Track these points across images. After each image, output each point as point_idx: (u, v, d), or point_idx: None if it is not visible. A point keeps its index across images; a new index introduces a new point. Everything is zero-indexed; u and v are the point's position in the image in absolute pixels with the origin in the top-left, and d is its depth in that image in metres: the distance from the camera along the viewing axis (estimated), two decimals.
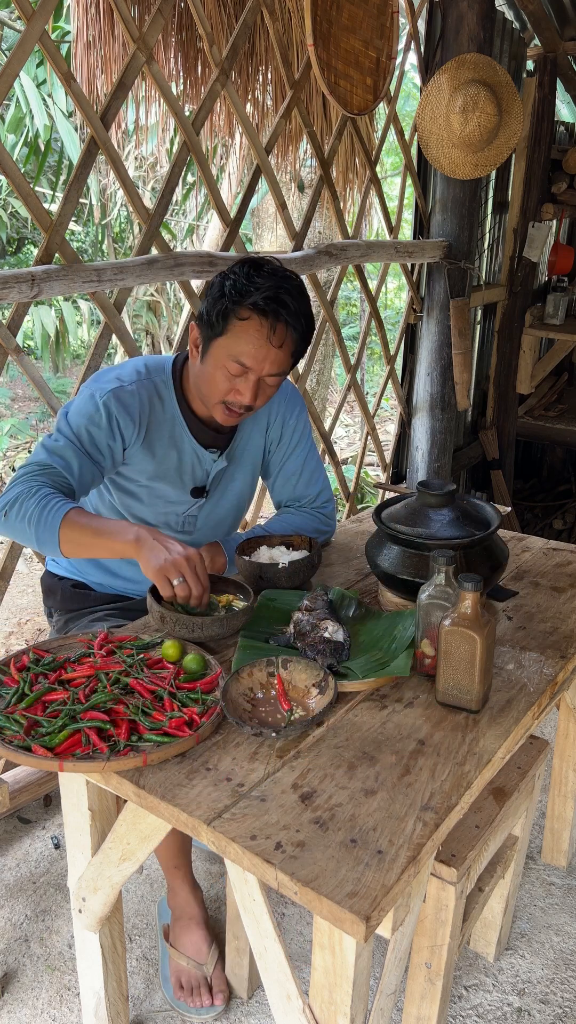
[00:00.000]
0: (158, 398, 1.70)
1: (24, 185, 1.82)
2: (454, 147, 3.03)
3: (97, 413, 1.61)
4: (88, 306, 5.90)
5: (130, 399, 1.64)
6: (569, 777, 2.05)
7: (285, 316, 1.56)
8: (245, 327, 1.55)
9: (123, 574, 1.84)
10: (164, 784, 1.16)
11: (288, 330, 1.58)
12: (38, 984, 1.80)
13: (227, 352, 1.58)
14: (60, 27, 4.10)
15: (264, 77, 3.21)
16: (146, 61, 2.07)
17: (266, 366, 1.59)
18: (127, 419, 1.63)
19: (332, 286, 3.13)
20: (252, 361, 1.57)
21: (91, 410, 1.61)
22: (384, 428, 6.36)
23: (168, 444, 1.71)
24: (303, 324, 1.60)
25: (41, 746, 1.20)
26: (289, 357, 1.62)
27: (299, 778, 1.18)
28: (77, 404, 1.64)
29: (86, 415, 1.61)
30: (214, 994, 1.72)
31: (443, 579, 1.35)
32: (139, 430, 1.66)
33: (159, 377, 1.71)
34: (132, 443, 1.66)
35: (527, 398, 4.62)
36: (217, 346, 1.59)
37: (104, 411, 1.61)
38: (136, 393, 1.65)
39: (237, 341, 1.56)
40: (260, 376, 1.60)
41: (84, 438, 1.61)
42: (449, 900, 1.41)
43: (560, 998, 1.78)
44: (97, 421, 1.61)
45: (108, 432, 1.62)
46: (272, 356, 1.58)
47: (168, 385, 1.71)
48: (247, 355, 1.57)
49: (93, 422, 1.61)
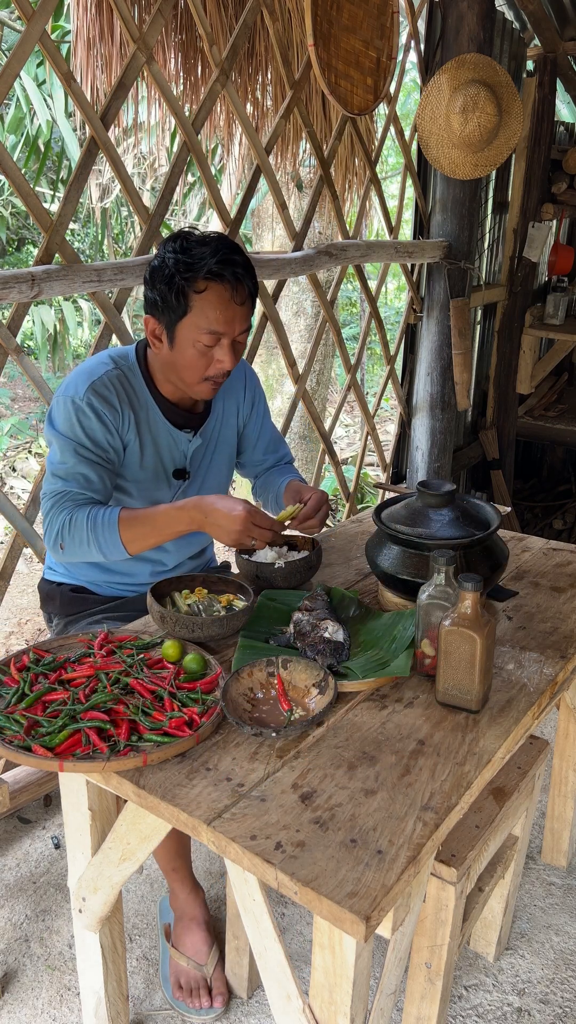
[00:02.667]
0: (130, 385, 1.71)
1: (24, 185, 1.82)
2: (454, 147, 3.03)
3: (84, 415, 1.62)
4: (88, 306, 5.90)
5: (106, 390, 1.65)
6: (569, 777, 2.05)
7: (239, 272, 1.58)
8: (207, 298, 1.57)
9: (118, 569, 1.84)
10: (164, 784, 1.16)
11: (243, 284, 1.60)
12: (38, 984, 1.80)
13: (196, 328, 1.59)
14: (60, 27, 4.10)
15: (264, 77, 3.21)
16: (146, 61, 2.07)
17: (236, 326, 1.61)
18: (111, 409, 1.65)
19: (332, 286, 3.13)
20: (223, 326, 1.59)
21: (77, 414, 1.62)
22: (384, 428, 6.36)
23: (144, 430, 1.72)
24: (251, 272, 1.63)
25: (41, 746, 1.20)
26: (250, 308, 1.65)
27: (299, 778, 1.18)
28: (61, 415, 1.64)
29: (76, 421, 1.62)
30: (213, 996, 1.72)
31: (443, 579, 1.35)
32: (124, 416, 1.67)
33: (125, 364, 1.72)
34: (123, 429, 1.68)
35: (527, 398, 4.62)
36: (183, 327, 1.60)
37: (90, 410, 1.62)
38: (109, 383, 1.66)
39: (203, 314, 1.58)
40: (233, 338, 1.63)
41: (86, 443, 1.62)
42: (449, 900, 1.41)
43: (560, 998, 1.78)
44: (87, 423, 1.62)
45: (102, 428, 1.63)
46: (239, 314, 1.61)
47: (135, 371, 1.72)
48: (217, 322, 1.58)
49: (84, 426, 1.62)
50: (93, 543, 1.57)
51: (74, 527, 1.57)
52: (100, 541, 1.57)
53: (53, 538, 1.61)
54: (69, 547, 1.60)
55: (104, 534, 1.56)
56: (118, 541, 1.57)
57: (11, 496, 5.00)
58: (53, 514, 1.61)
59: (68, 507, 1.59)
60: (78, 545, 1.59)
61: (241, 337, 1.65)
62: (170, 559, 1.86)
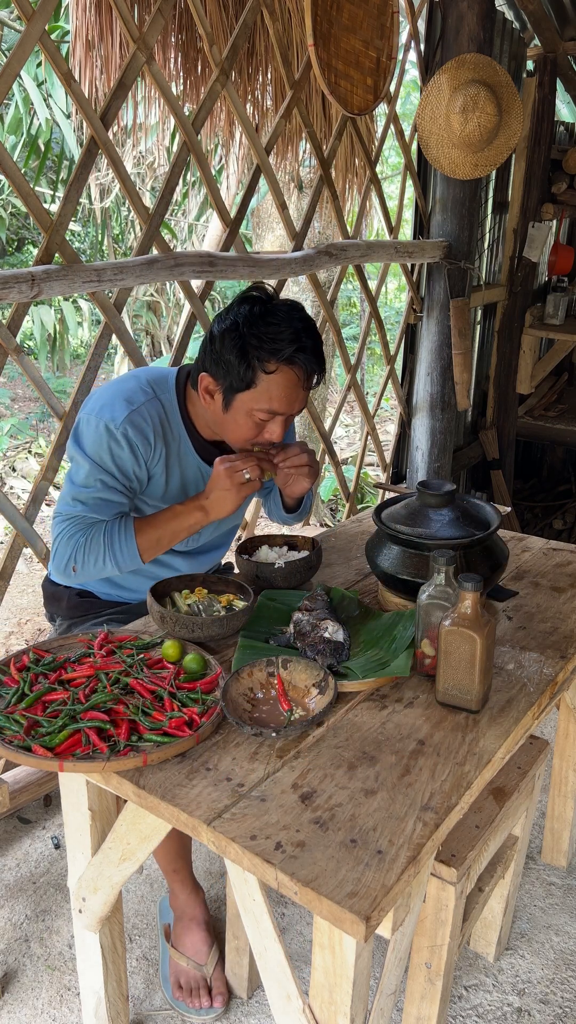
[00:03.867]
0: (165, 417, 1.66)
1: (24, 185, 1.82)
2: (454, 147, 3.02)
3: (117, 444, 1.57)
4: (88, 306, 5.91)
5: (143, 423, 1.61)
6: (569, 777, 2.05)
7: (312, 360, 1.56)
8: (275, 380, 1.54)
9: (127, 585, 1.82)
10: (164, 784, 1.16)
11: (314, 368, 1.58)
12: (38, 984, 1.80)
13: (255, 405, 1.56)
14: (60, 27, 4.10)
15: (264, 77, 3.21)
16: (146, 61, 2.07)
17: (296, 407, 1.60)
18: (145, 443, 1.61)
19: (332, 286, 3.13)
20: (285, 407, 1.58)
21: (110, 441, 1.57)
22: (384, 428, 6.36)
23: (175, 463, 1.70)
24: (321, 355, 1.60)
25: (41, 746, 1.20)
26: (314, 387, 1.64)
27: (299, 778, 1.18)
28: (91, 437, 1.58)
29: (106, 448, 1.57)
30: (213, 996, 1.72)
31: (443, 579, 1.35)
32: (155, 451, 1.64)
33: (164, 396, 1.67)
34: (151, 464, 1.65)
35: (527, 398, 4.62)
36: (243, 399, 1.57)
37: (125, 441, 1.57)
38: (147, 416, 1.62)
39: (268, 393, 1.55)
40: (289, 414, 1.61)
41: (113, 472, 1.59)
42: (449, 900, 1.41)
43: (560, 998, 1.78)
44: (119, 453, 1.58)
45: (132, 461, 1.60)
46: (302, 397, 1.60)
47: (173, 405, 1.68)
48: (280, 404, 1.57)
49: (115, 454, 1.58)
50: (109, 558, 1.57)
51: (90, 547, 1.57)
52: (117, 554, 1.57)
53: (65, 561, 1.58)
54: (82, 569, 1.59)
55: (121, 545, 1.57)
56: (135, 551, 1.58)
57: (11, 496, 5.00)
58: (65, 536, 1.58)
59: (82, 529, 1.58)
60: (92, 564, 1.58)
61: (297, 413, 1.63)
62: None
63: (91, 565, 1.58)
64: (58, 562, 1.60)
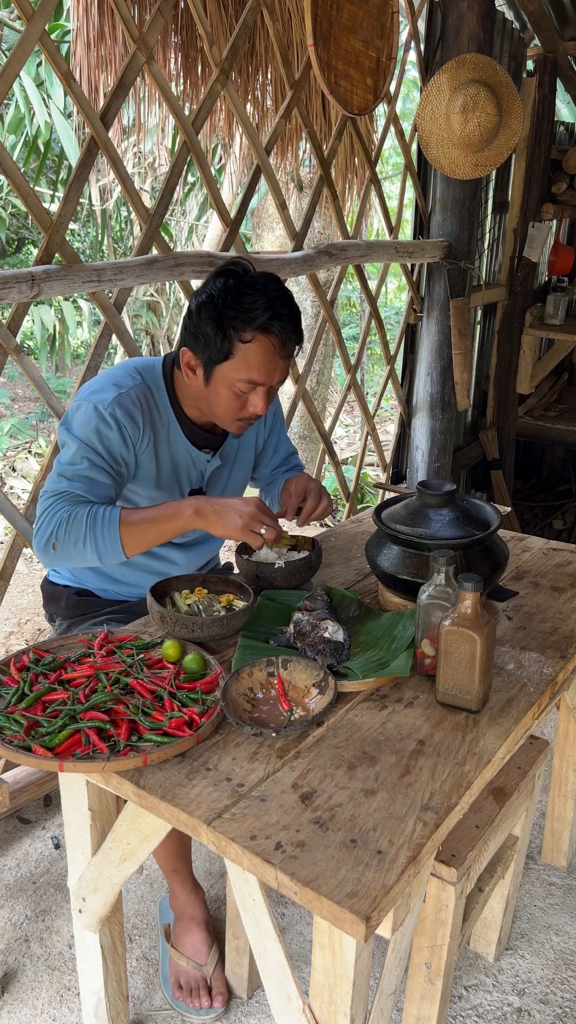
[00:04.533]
0: (154, 402, 1.68)
1: (24, 185, 1.82)
2: (454, 147, 3.02)
3: (105, 425, 1.58)
4: (88, 306, 5.90)
5: (132, 406, 1.62)
6: (569, 777, 2.05)
7: (288, 328, 1.56)
8: (252, 349, 1.55)
9: (125, 580, 1.82)
10: (164, 784, 1.16)
11: (290, 338, 1.58)
12: (38, 984, 1.80)
13: (235, 375, 1.57)
14: (60, 27, 4.10)
15: (264, 77, 3.21)
16: (146, 61, 2.07)
17: (276, 376, 1.60)
18: (133, 426, 1.62)
19: (332, 286, 3.13)
20: (264, 377, 1.58)
21: (99, 422, 1.58)
22: (384, 428, 6.36)
23: (164, 448, 1.70)
24: (298, 324, 1.60)
25: (41, 746, 1.20)
26: (292, 357, 1.63)
27: (299, 778, 1.18)
28: (80, 419, 1.60)
29: (94, 429, 1.58)
30: (213, 996, 1.72)
31: (443, 579, 1.35)
32: (144, 435, 1.65)
33: (151, 380, 1.69)
34: (139, 448, 1.65)
35: (527, 398, 4.62)
36: (222, 370, 1.58)
37: (113, 422, 1.58)
38: (136, 399, 1.63)
39: (246, 363, 1.56)
40: (271, 385, 1.61)
41: (99, 450, 1.59)
42: (449, 900, 1.41)
43: (560, 998, 1.78)
44: (106, 432, 1.58)
45: (120, 442, 1.60)
46: (281, 366, 1.60)
47: (160, 388, 1.70)
48: (259, 373, 1.57)
49: (103, 434, 1.58)
50: (90, 542, 1.52)
51: (72, 524, 1.52)
52: (98, 539, 1.51)
53: (46, 537, 1.54)
54: (62, 547, 1.54)
55: (103, 531, 1.52)
56: (117, 539, 1.52)
57: (11, 496, 5.00)
58: (51, 511, 1.55)
59: (68, 505, 1.54)
60: (72, 545, 1.53)
61: (279, 384, 1.64)
62: (177, 572, 1.85)
63: (71, 546, 1.53)
64: (39, 539, 1.56)
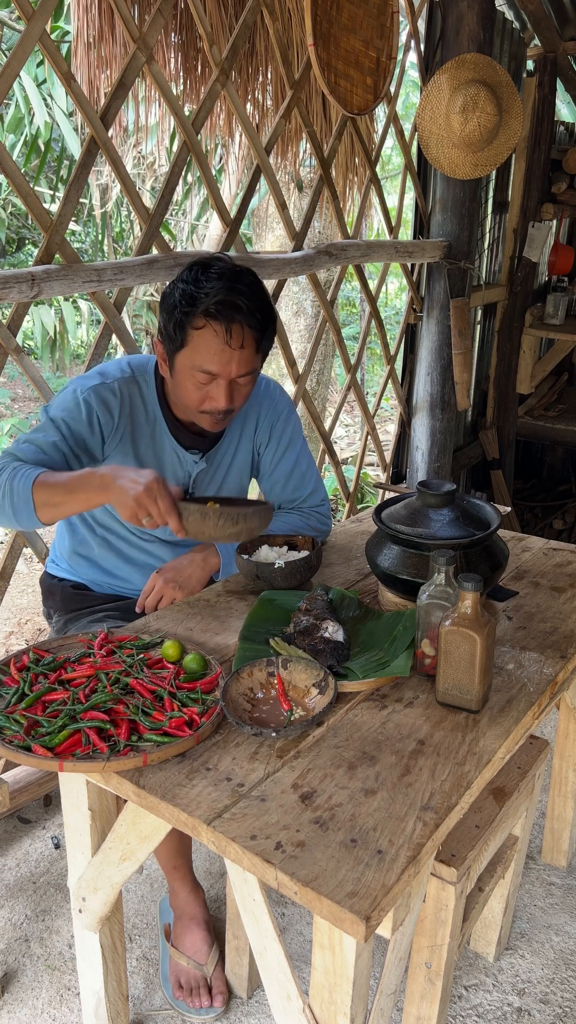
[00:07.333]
0: (140, 398, 1.69)
1: (24, 185, 1.82)
2: (454, 147, 3.02)
3: (76, 407, 1.62)
4: (88, 306, 5.90)
5: (110, 396, 1.64)
6: (569, 777, 2.05)
7: (240, 318, 1.54)
8: (202, 335, 1.54)
9: (120, 574, 1.84)
10: (164, 784, 1.16)
11: (245, 329, 1.56)
12: (38, 984, 1.80)
13: (191, 363, 1.57)
14: (60, 27, 4.10)
15: (264, 77, 3.21)
16: (146, 61, 2.07)
17: (232, 368, 1.58)
18: (107, 415, 1.64)
19: (332, 286, 3.12)
20: (217, 367, 1.57)
21: (71, 404, 1.63)
22: (384, 428, 6.36)
23: (148, 444, 1.71)
24: (260, 319, 1.58)
25: (41, 746, 1.20)
26: (254, 354, 1.61)
27: (299, 778, 1.18)
28: (59, 399, 1.66)
29: (65, 409, 1.63)
30: (213, 995, 1.72)
31: (443, 579, 1.35)
32: (118, 427, 1.66)
33: (142, 377, 1.71)
34: (111, 439, 1.66)
35: (527, 398, 4.62)
36: (180, 359, 1.58)
37: (84, 406, 1.62)
38: (118, 391, 1.65)
39: (197, 351, 1.56)
40: (230, 379, 1.59)
41: (62, 428, 1.61)
42: (449, 900, 1.41)
43: (560, 998, 1.78)
44: (75, 415, 1.62)
45: (87, 426, 1.63)
46: (236, 357, 1.57)
47: (150, 385, 1.71)
48: (210, 362, 1.56)
49: (71, 415, 1.62)
50: (7, 496, 1.47)
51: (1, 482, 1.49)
52: (14, 495, 1.47)
53: None
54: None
55: (19, 487, 1.46)
56: (29, 499, 1.46)
57: None
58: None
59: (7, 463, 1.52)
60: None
61: (243, 379, 1.61)
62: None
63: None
64: None
